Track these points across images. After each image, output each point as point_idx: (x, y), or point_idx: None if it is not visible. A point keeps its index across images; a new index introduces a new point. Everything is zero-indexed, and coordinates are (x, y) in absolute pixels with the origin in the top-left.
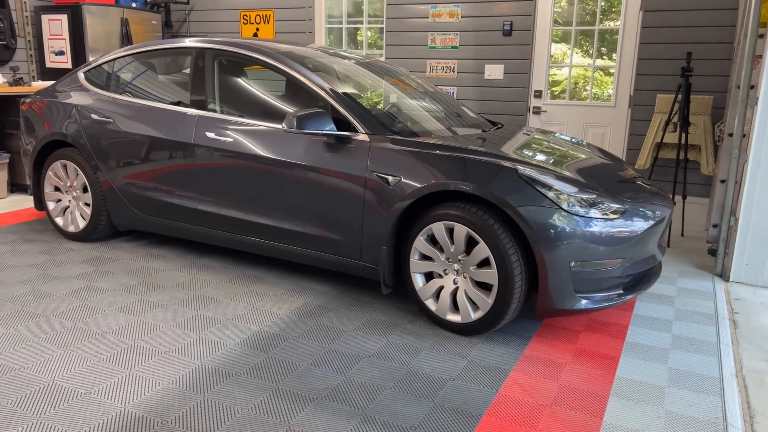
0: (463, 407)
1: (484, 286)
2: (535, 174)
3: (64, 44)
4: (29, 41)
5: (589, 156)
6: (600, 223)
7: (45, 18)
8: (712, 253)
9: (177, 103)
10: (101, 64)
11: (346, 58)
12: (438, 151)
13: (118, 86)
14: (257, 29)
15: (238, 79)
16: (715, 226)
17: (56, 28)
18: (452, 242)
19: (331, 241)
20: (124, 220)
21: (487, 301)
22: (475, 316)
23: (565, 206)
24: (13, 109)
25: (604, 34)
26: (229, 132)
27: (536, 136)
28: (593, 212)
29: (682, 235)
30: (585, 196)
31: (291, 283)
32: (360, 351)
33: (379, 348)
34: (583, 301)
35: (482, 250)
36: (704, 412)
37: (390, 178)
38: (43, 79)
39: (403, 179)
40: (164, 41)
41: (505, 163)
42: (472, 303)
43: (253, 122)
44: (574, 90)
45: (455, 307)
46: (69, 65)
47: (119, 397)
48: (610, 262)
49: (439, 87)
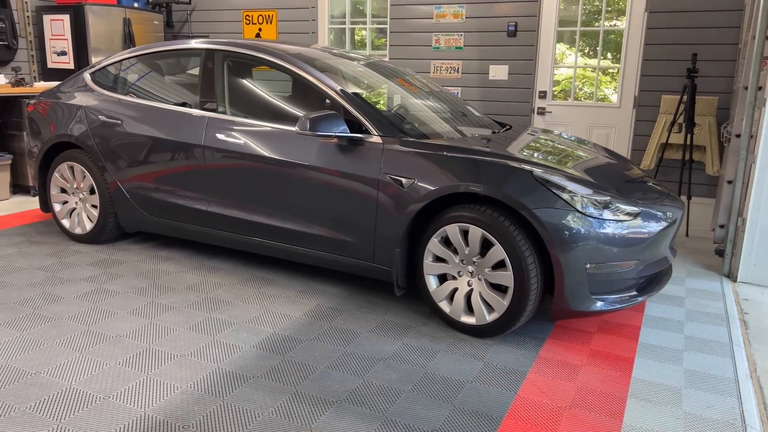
0: (483, 410)
1: (499, 288)
2: (550, 176)
3: (67, 44)
4: (30, 41)
5: (596, 156)
6: (615, 224)
7: (47, 18)
8: (720, 253)
9: (187, 105)
10: (108, 66)
11: (353, 59)
12: (452, 154)
13: (126, 87)
14: (260, 29)
15: (248, 81)
16: (722, 226)
17: (58, 28)
18: (467, 244)
19: (343, 243)
20: (132, 221)
21: (502, 303)
22: (490, 318)
23: (580, 208)
24: (16, 110)
25: (608, 34)
26: (239, 134)
27: (543, 136)
28: (608, 214)
29: (687, 235)
30: (599, 198)
31: (302, 285)
32: (376, 353)
33: (395, 350)
34: (599, 303)
35: (498, 252)
36: (722, 414)
37: (404, 180)
38: (44, 80)
39: (417, 181)
40: (172, 42)
41: (520, 165)
42: (487, 305)
43: (264, 124)
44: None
45: (469, 309)
46: (71, 66)
47: (138, 401)
48: (625, 263)
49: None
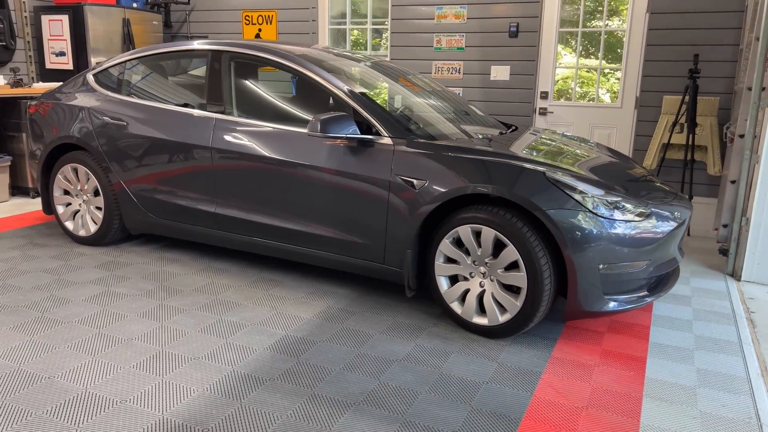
0: (501, 410)
1: (511, 289)
2: (562, 177)
3: (65, 45)
4: (28, 42)
5: (602, 156)
6: (627, 225)
7: (45, 18)
8: (724, 252)
9: (193, 106)
10: (112, 67)
11: (359, 60)
12: (465, 155)
13: (131, 89)
14: (259, 30)
15: (256, 82)
16: (725, 226)
17: (57, 28)
18: (479, 245)
19: (354, 244)
20: (138, 223)
21: (515, 303)
22: (502, 318)
23: (593, 209)
24: (15, 111)
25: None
26: (248, 135)
27: (548, 137)
28: (620, 214)
29: (689, 234)
30: (611, 198)
31: (311, 287)
32: (389, 355)
33: (408, 351)
34: (612, 303)
35: (511, 253)
36: (737, 413)
37: (416, 182)
38: (43, 81)
39: (429, 183)
40: (178, 43)
41: (533, 167)
42: (500, 306)
43: (273, 125)
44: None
45: (481, 310)
46: (70, 66)
47: (155, 405)
48: (637, 263)
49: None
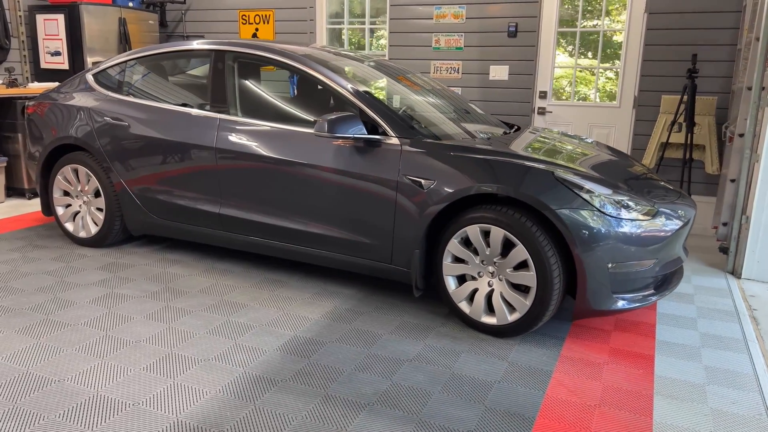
0: (515, 409)
1: (520, 288)
2: (570, 177)
3: (61, 44)
4: (23, 41)
5: (604, 155)
6: (635, 224)
7: (40, 18)
8: (724, 251)
9: (196, 106)
10: (113, 67)
11: (362, 60)
12: (473, 155)
13: (133, 89)
14: (256, 29)
15: (260, 82)
16: (725, 224)
17: (52, 28)
18: (487, 245)
19: (361, 244)
20: (140, 225)
21: (524, 303)
22: (511, 318)
23: (602, 208)
24: (10, 112)
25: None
26: (253, 135)
27: (551, 136)
28: (628, 213)
29: None
30: (619, 198)
31: (316, 287)
32: (400, 355)
33: (418, 351)
34: (620, 302)
35: (520, 252)
36: (747, 409)
37: (424, 182)
38: (38, 81)
39: (437, 183)
40: (180, 43)
41: (542, 166)
42: (509, 305)
43: (279, 125)
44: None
45: (489, 310)
46: (65, 66)
47: (169, 407)
48: (644, 262)
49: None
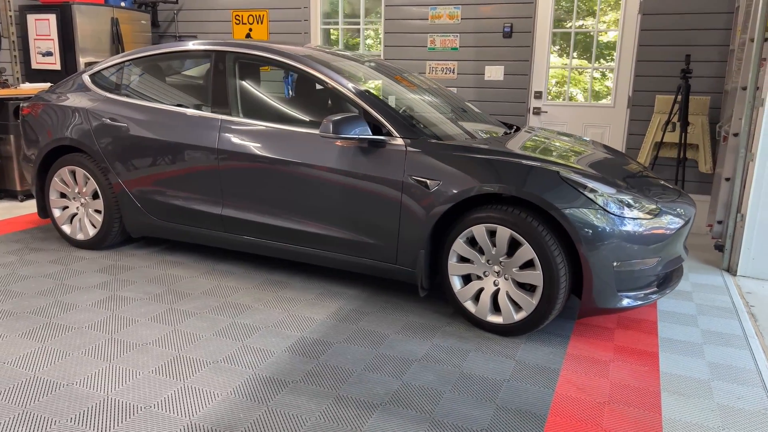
0: (526, 408)
1: (525, 287)
2: (576, 176)
3: (52, 45)
4: (13, 42)
5: (603, 154)
6: (639, 223)
7: (31, 18)
8: (719, 248)
9: (197, 107)
10: (110, 67)
11: (360, 60)
12: (479, 155)
13: (131, 90)
14: (250, 29)
15: (262, 83)
16: (720, 222)
17: (43, 28)
18: (493, 245)
19: (365, 245)
20: (140, 226)
21: (531, 302)
22: (517, 317)
23: (607, 207)
24: (2, 113)
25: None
26: (255, 136)
27: (550, 136)
28: (633, 213)
29: None
30: (623, 197)
31: (319, 288)
32: (408, 355)
33: (426, 351)
34: (625, 300)
35: (527, 251)
36: (753, 404)
37: (429, 182)
38: (30, 81)
39: (443, 183)
40: (179, 44)
41: (548, 166)
42: (515, 304)
43: (282, 126)
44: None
45: (495, 309)
46: (57, 66)
47: (181, 410)
48: (648, 260)
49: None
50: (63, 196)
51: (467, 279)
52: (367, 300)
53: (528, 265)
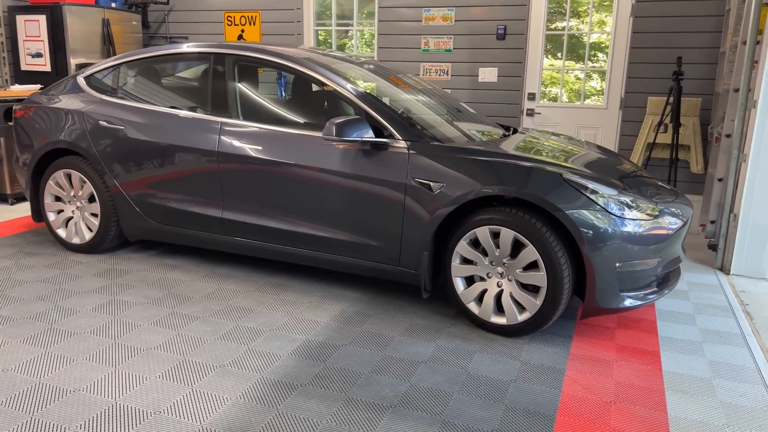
0: (535, 408)
1: (528, 288)
2: (579, 178)
3: (42, 46)
4: (2, 43)
5: (599, 155)
6: (640, 223)
7: (20, 19)
8: (713, 248)
9: (196, 109)
10: (106, 69)
11: (359, 63)
12: (482, 157)
13: (129, 92)
14: (242, 31)
15: (262, 85)
16: (713, 222)
17: (33, 29)
18: (497, 246)
19: (368, 247)
20: (138, 230)
21: (534, 302)
22: (521, 317)
23: (609, 208)
24: None
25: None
26: (256, 138)
27: (546, 137)
28: (635, 214)
29: None
30: (624, 198)
31: (321, 291)
32: (414, 356)
33: (432, 353)
34: (627, 300)
35: (530, 253)
36: (755, 401)
37: (433, 184)
38: (19, 83)
39: (447, 185)
40: (176, 46)
41: (551, 168)
42: (518, 305)
43: (283, 129)
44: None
45: (498, 310)
46: (47, 68)
47: (192, 415)
48: (649, 261)
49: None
50: (58, 199)
51: (470, 280)
52: (369, 302)
53: (532, 266)
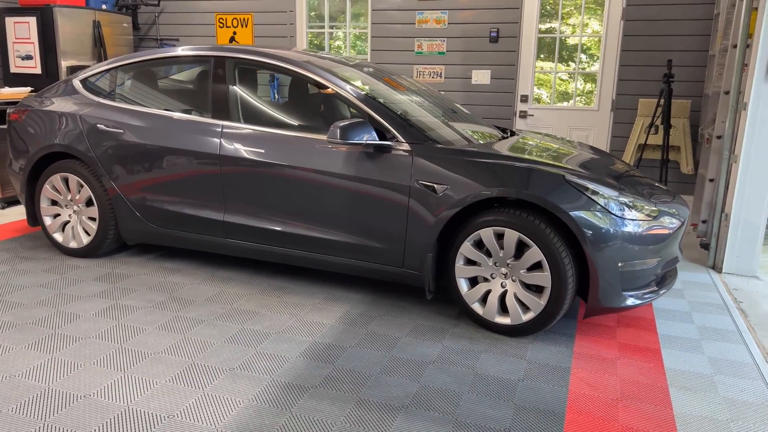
0: (544, 406)
1: (532, 288)
2: (581, 180)
3: (32, 48)
4: None
5: (595, 155)
6: (641, 224)
7: (9, 21)
8: (705, 246)
9: (195, 113)
10: (102, 72)
11: (359, 65)
12: (486, 159)
13: (127, 95)
14: (234, 33)
15: (262, 88)
16: (704, 221)
17: (23, 31)
18: (500, 247)
19: (372, 249)
20: (136, 234)
21: (539, 302)
22: (525, 317)
23: (611, 209)
24: None
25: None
26: (257, 141)
27: (542, 138)
28: (636, 214)
29: None
30: (625, 199)
31: (324, 293)
32: (421, 357)
33: (439, 353)
34: (629, 299)
35: (535, 253)
36: (756, 396)
37: (437, 187)
38: (8, 85)
39: (451, 187)
40: (174, 49)
41: (552, 170)
42: (522, 305)
43: (285, 132)
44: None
45: (503, 310)
46: (38, 70)
47: (206, 418)
48: (650, 260)
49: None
50: (54, 203)
51: (474, 281)
52: (372, 303)
53: (536, 266)
